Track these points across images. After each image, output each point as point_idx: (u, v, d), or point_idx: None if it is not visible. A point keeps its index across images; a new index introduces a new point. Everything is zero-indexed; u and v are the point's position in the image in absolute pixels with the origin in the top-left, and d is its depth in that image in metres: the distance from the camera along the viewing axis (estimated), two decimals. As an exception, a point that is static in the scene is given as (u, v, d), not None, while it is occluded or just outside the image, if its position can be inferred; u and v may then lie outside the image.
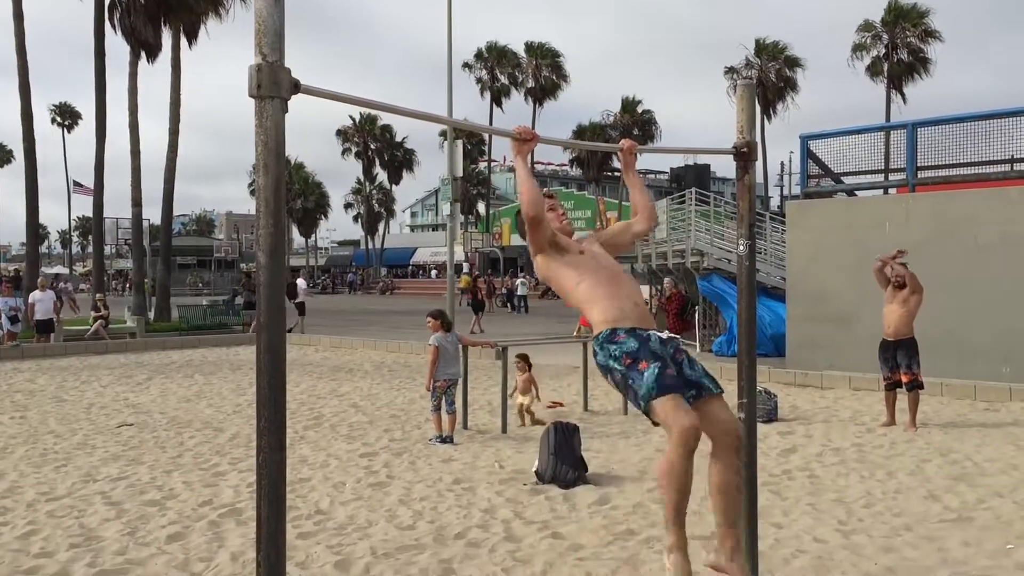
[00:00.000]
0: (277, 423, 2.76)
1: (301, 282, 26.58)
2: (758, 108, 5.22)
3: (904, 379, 9.76)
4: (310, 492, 7.02)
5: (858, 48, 53.52)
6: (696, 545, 5.58)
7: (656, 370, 3.52)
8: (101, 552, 5.52)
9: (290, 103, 2.82)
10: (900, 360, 9.81)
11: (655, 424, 3.61)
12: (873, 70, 53.34)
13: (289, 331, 22.50)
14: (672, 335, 3.81)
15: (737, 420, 3.79)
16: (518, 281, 42.24)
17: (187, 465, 8.05)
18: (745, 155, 4.46)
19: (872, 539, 5.74)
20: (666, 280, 21.44)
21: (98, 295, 23.78)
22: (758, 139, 4.79)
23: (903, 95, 53.07)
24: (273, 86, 2.75)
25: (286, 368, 2.82)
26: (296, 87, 2.82)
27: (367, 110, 72.58)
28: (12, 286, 21.27)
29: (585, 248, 4.07)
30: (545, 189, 4.24)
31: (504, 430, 9.66)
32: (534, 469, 7.45)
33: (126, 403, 11.93)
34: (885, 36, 52.63)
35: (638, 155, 4.44)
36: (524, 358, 10.43)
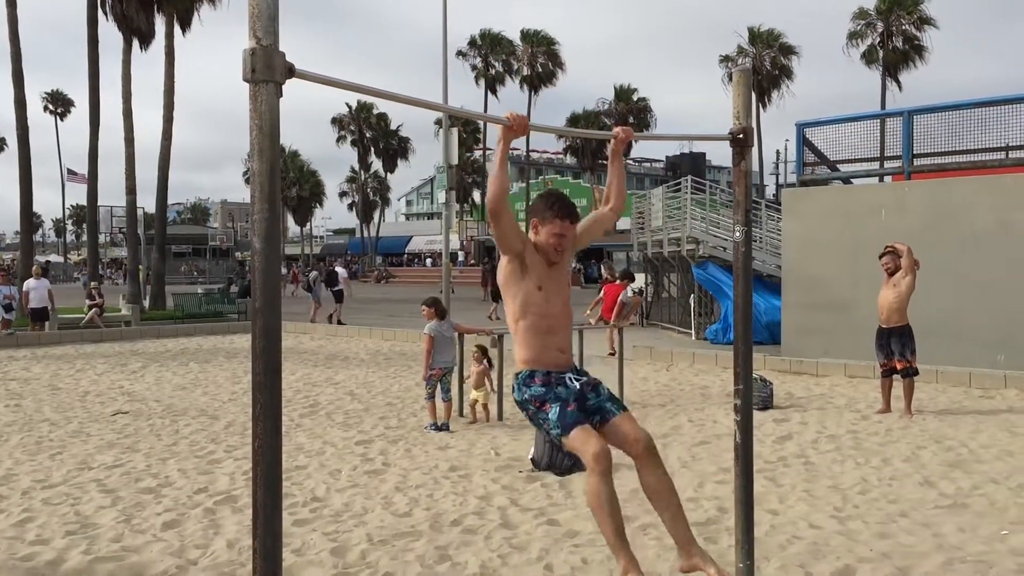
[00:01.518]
0: (273, 408, 2.75)
1: (342, 270, 26.42)
2: (753, 95, 5.24)
3: (899, 366, 9.78)
4: (306, 479, 7.01)
5: (853, 36, 53.42)
6: (692, 531, 5.61)
7: (557, 409, 3.92)
8: (97, 539, 5.51)
9: (286, 91, 2.79)
10: (894, 347, 9.82)
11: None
12: (868, 58, 53.28)
13: (331, 321, 22.72)
14: (585, 380, 4.10)
15: (643, 429, 4.06)
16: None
17: (182, 453, 8.04)
18: (741, 141, 4.44)
19: (867, 525, 5.75)
20: (602, 266, 21.61)
21: (92, 283, 23.73)
22: (754, 126, 4.77)
23: (899, 83, 53.04)
24: (267, 70, 2.73)
25: (281, 354, 2.80)
26: (291, 71, 2.80)
27: (362, 98, 72.35)
28: (7, 274, 21.17)
29: (545, 283, 4.05)
30: (556, 220, 4.08)
31: (500, 417, 9.66)
32: (530, 456, 7.45)
33: (121, 391, 11.92)
34: (880, 24, 52.54)
35: (634, 142, 4.44)
36: (482, 349, 9.79)
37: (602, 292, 16.76)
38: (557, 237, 4.05)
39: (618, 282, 16.73)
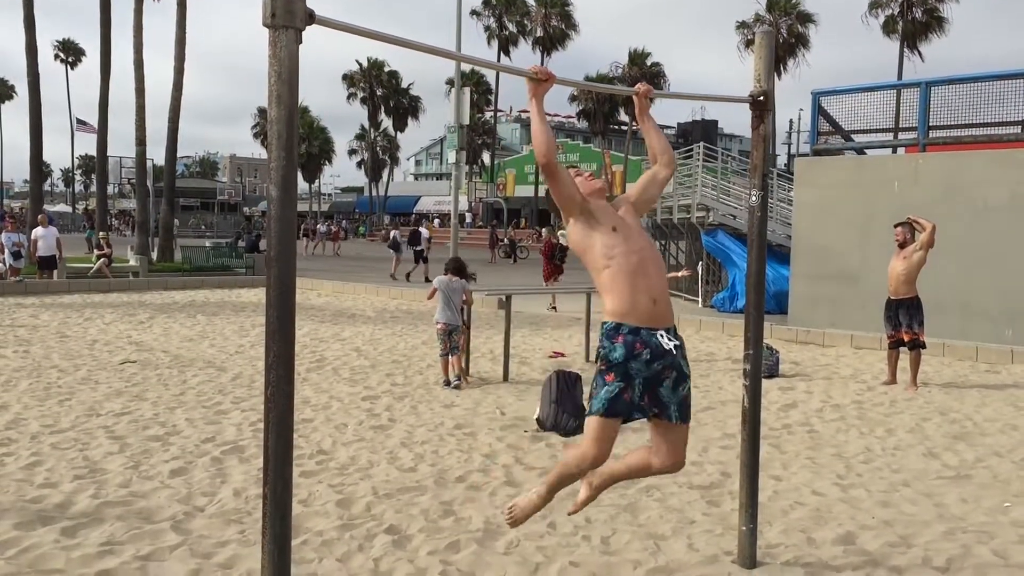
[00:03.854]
0: (286, 356, 2.76)
1: (424, 231, 27.08)
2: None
3: (906, 338, 9.76)
4: (312, 433, 7.06)
5: (875, 5, 52.82)
6: (695, 495, 5.65)
7: (615, 389, 3.69)
8: (105, 484, 5.56)
9: (300, 45, 2.76)
10: (902, 319, 9.80)
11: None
12: (888, 28, 52.71)
13: (408, 278, 23.94)
14: (678, 344, 3.83)
15: (683, 455, 3.96)
16: (560, 231, 42.93)
17: (190, 403, 8.09)
18: (761, 104, 4.40)
19: (870, 493, 5.77)
20: (544, 230, 22.30)
21: (101, 233, 23.77)
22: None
23: (920, 54, 52.50)
24: (287, 15, 2.70)
25: (295, 303, 2.80)
26: (311, 17, 2.77)
27: (373, 55, 71.68)
28: (16, 222, 21.20)
29: (618, 224, 3.86)
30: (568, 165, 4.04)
31: (506, 378, 9.69)
32: (535, 417, 7.47)
33: (129, 341, 11.96)
34: (901, -6, 51.93)
35: (653, 100, 4.36)
36: None
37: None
38: (576, 176, 3.99)
39: None
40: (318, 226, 48.10)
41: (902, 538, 4.93)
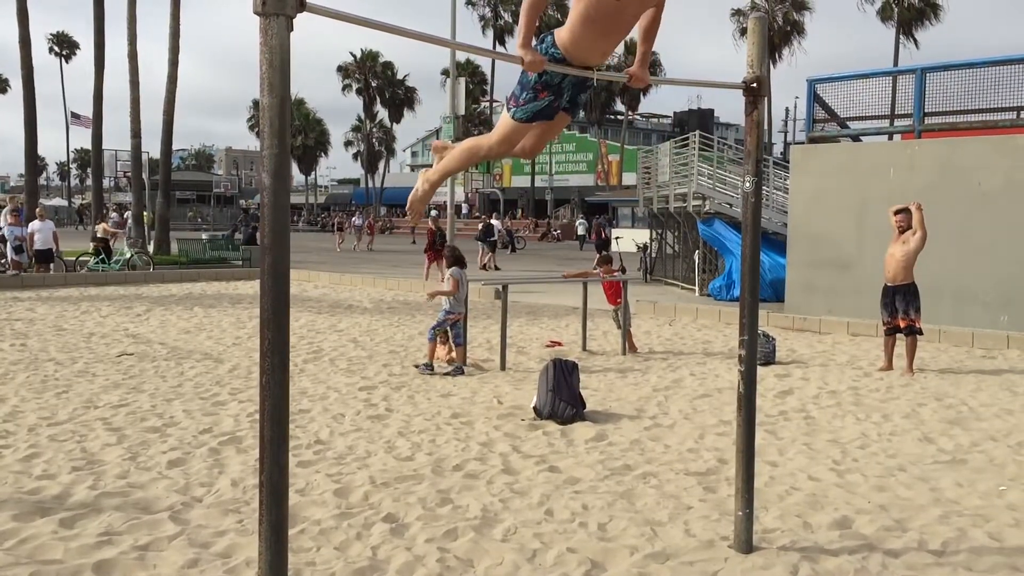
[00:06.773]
0: (280, 344, 2.76)
1: (496, 223, 27.81)
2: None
3: (902, 324, 9.79)
4: (310, 423, 7.07)
5: (871, -8, 52.78)
6: (692, 481, 5.67)
7: (545, 104, 3.86)
8: (103, 475, 5.57)
9: (294, 36, 2.75)
10: (899, 305, 9.82)
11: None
12: (884, 14, 52.65)
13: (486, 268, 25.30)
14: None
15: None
16: (577, 222, 45.08)
17: (187, 394, 8.09)
18: (755, 90, 4.40)
19: (866, 478, 5.79)
20: (428, 218, 23.37)
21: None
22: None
23: (915, 40, 52.48)
24: (278, 2, 2.69)
25: (290, 291, 2.81)
26: (302, 4, 2.76)
27: (368, 46, 71.42)
28: (19, 216, 21.10)
29: None
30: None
31: (503, 367, 9.70)
32: (532, 405, 7.49)
33: (126, 333, 11.96)
34: (896, -20, 51.86)
35: (642, 94, 4.25)
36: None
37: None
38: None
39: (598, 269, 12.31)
40: (353, 218, 43.28)
41: (898, 522, 4.96)
